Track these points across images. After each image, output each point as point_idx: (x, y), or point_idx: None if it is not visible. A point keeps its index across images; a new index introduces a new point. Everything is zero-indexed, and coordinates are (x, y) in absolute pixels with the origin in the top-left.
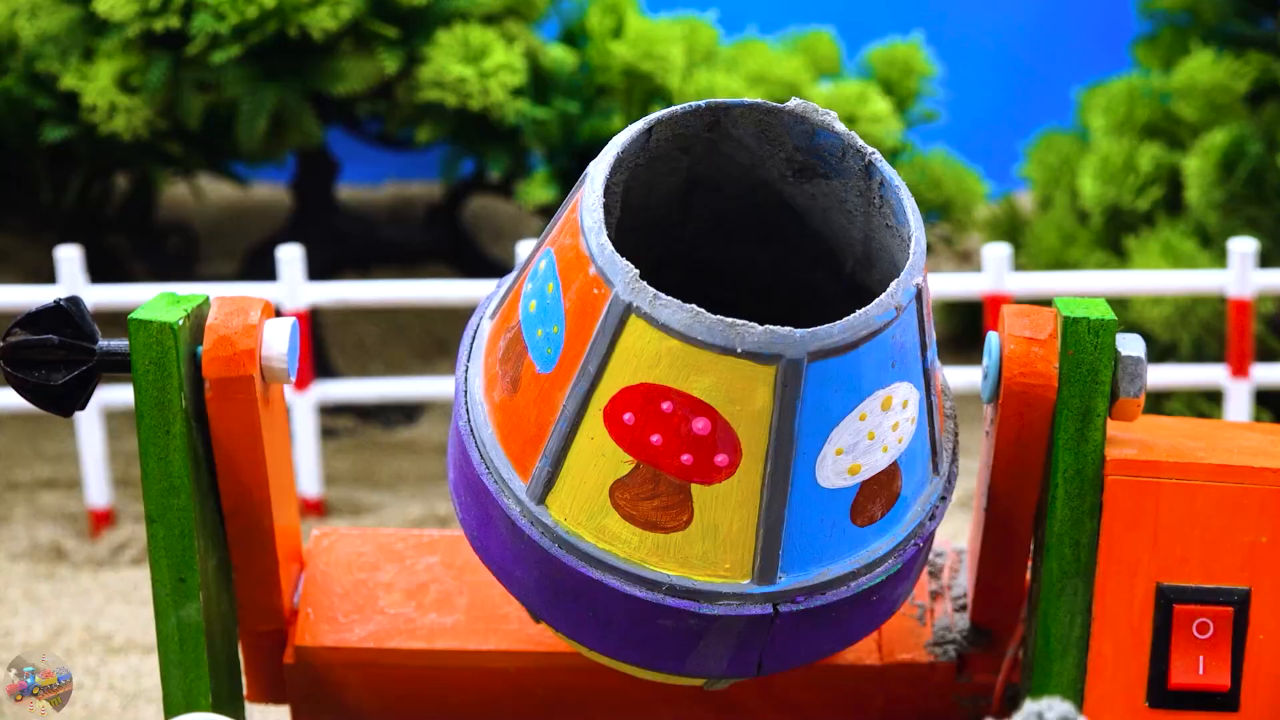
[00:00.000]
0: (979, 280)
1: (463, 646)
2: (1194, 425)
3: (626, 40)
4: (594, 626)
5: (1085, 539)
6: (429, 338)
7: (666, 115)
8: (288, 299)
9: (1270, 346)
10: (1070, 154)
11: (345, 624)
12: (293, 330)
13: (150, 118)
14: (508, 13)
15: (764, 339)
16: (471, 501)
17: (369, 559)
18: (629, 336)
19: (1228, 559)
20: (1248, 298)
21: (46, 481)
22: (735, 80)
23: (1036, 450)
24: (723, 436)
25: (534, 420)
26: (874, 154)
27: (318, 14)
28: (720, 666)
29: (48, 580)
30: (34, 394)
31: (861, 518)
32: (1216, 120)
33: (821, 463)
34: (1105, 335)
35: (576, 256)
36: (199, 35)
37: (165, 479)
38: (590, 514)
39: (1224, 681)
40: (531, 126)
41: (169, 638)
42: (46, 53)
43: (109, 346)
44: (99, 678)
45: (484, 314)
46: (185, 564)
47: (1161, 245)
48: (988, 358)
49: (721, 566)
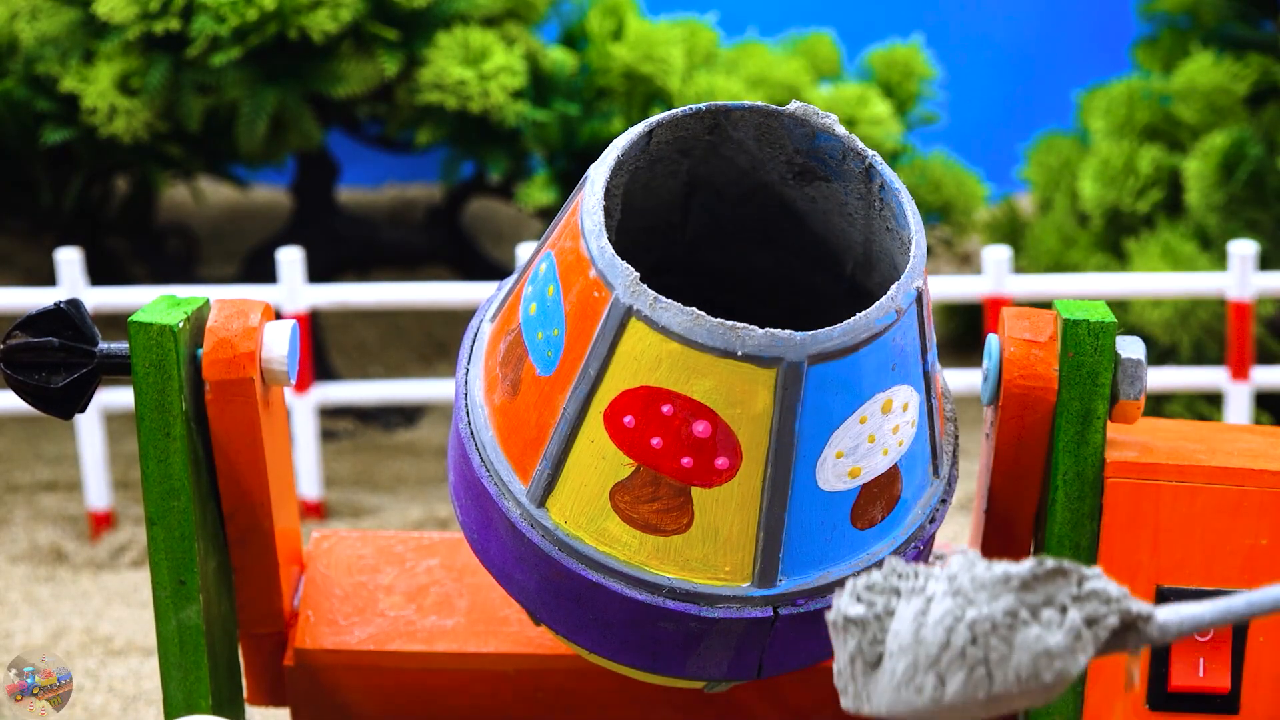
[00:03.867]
0: (979, 283)
1: (463, 649)
2: (1194, 428)
3: (626, 42)
4: (594, 629)
5: (1085, 541)
6: (429, 340)
7: (667, 118)
8: (288, 301)
9: (1270, 349)
10: (1070, 156)
11: (345, 626)
12: (293, 333)
13: (150, 120)
14: (508, 15)
15: (764, 342)
16: (472, 504)
17: (369, 561)
18: (629, 339)
19: (1228, 561)
20: (1248, 300)
21: (46, 484)
22: (735, 83)
23: (1037, 452)
24: (723, 439)
25: (534, 423)
26: (874, 157)
27: (318, 16)
28: (721, 669)
29: (48, 582)
30: (34, 396)
31: (862, 520)
32: (1216, 122)
33: (822, 466)
34: (1105, 338)
35: (577, 259)
36: (199, 38)
37: (165, 481)
38: (590, 517)
39: (1224, 684)
40: (531, 129)
41: (169, 640)
42: (47, 55)
43: (109, 349)
44: (99, 680)
45: (484, 317)
46: (185, 566)
47: (1161, 248)
48: (988, 360)
49: (722, 569)
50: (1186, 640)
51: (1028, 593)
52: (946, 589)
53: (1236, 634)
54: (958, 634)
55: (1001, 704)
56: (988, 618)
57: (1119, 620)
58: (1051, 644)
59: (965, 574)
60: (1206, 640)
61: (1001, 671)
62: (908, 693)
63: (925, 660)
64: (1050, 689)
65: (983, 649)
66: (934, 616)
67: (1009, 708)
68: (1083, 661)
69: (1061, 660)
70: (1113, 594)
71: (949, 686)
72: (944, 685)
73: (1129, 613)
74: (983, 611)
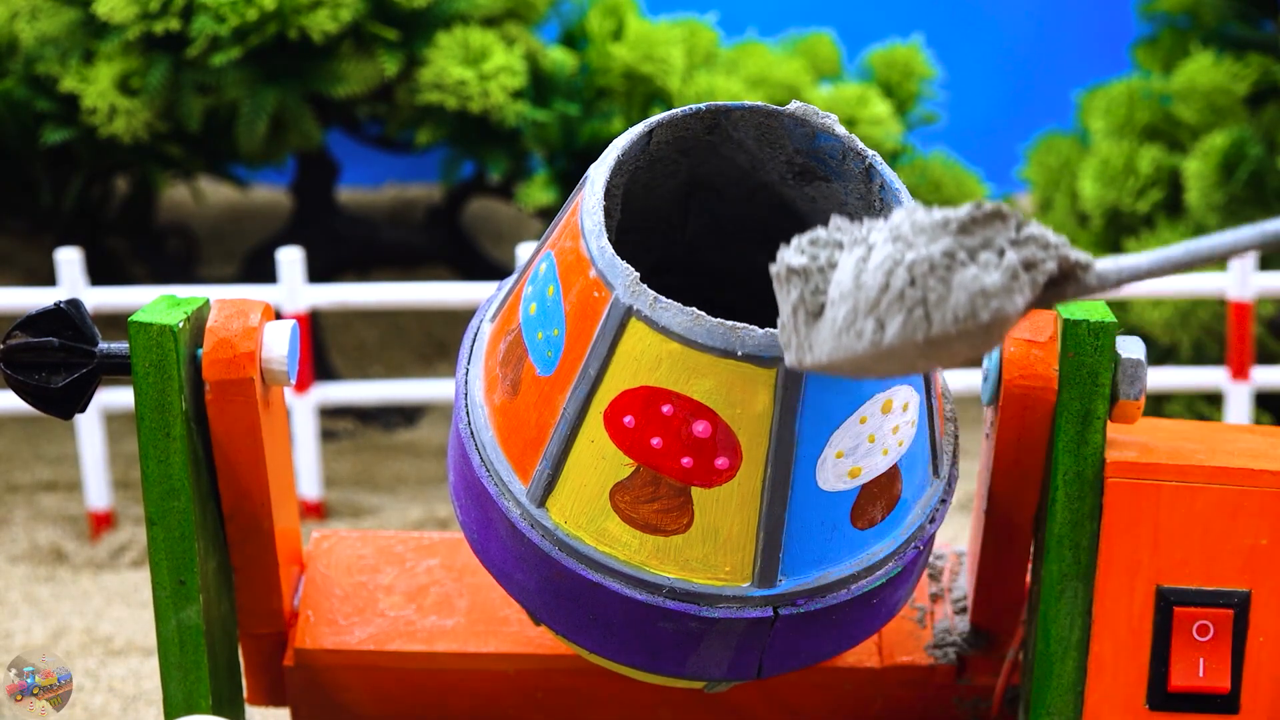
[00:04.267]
0: None
1: (463, 649)
2: (1194, 428)
3: (626, 42)
4: (594, 629)
5: (1085, 541)
6: (429, 340)
7: (667, 118)
8: (288, 301)
9: (1270, 349)
10: (1070, 156)
11: (345, 626)
12: (293, 333)
13: (150, 120)
14: (508, 15)
15: (764, 342)
16: (472, 504)
17: (369, 561)
18: (629, 339)
19: (1228, 561)
20: (1248, 300)
21: (46, 484)
22: (735, 83)
23: (1036, 453)
24: (723, 439)
25: (534, 423)
26: (874, 157)
27: (318, 16)
28: (720, 669)
29: (48, 583)
30: (34, 396)
31: (862, 520)
32: (1216, 122)
33: (822, 466)
34: (1105, 338)
35: (577, 259)
36: (199, 38)
37: (165, 481)
38: (590, 517)
39: (1224, 684)
40: (531, 129)
41: (169, 640)
42: (47, 55)
43: (109, 349)
44: (99, 680)
45: (484, 317)
46: (185, 566)
47: (1161, 247)
48: (988, 360)
49: (722, 569)
50: (1187, 640)
51: (966, 236)
52: (887, 236)
53: (1237, 634)
54: (896, 277)
55: (941, 350)
56: (925, 259)
57: (1057, 266)
58: (988, 283)
59: (905, 221)
60: (1207, 640)
61: (939, 312)
62: (848, 338)
63: (865, 304)
64: (988, 331)
65: (921, 290)
66: (874, 262)
67: (949, 357)
68: (1019, 303)
69: (998, 300)
70: (1051, 240)
71: (888, 329)
72: (883, 329)
73: (1068, 259)
74: (921, 254)
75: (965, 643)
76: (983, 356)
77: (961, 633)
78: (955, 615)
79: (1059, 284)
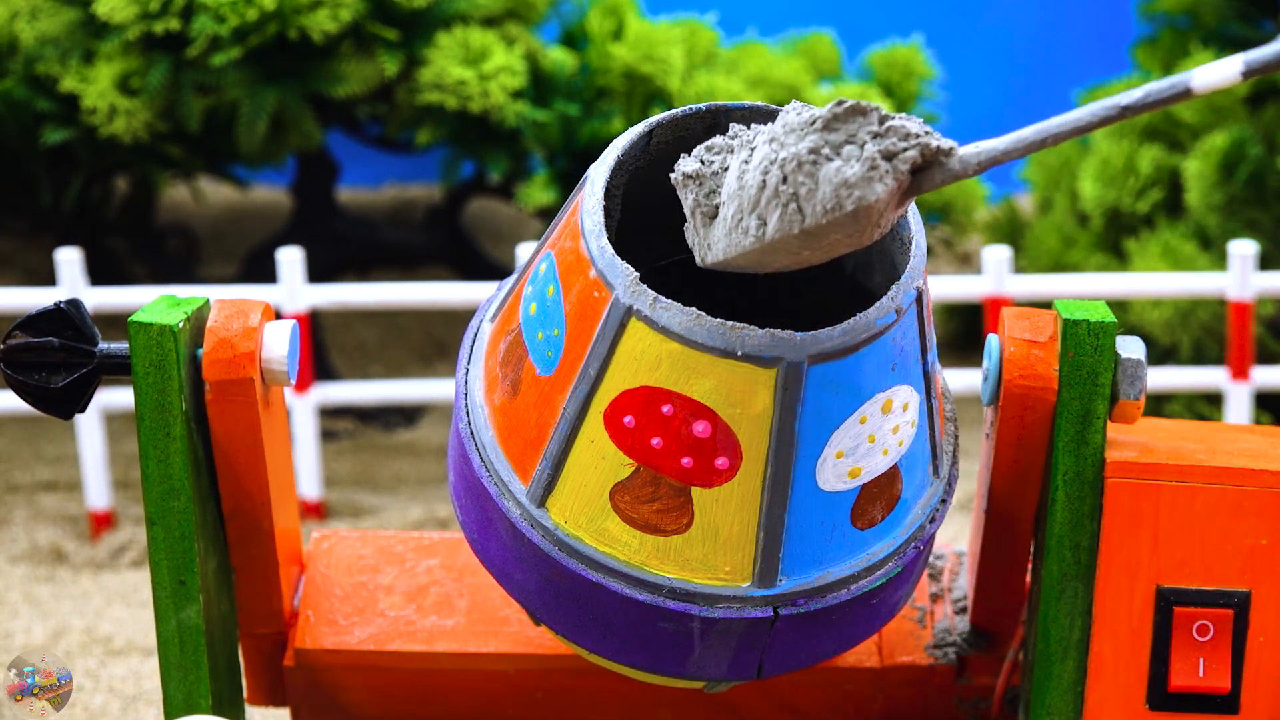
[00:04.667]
0: (979, 283)
1: (463, 649)
2: (1194, 428)
3: (626, 42)
4: (594, 629)
5: (1085, 541)
6: (429, 340)
7: (667, 118)
8: (288, 301)
9: (1270, 349)
10: (1070, 156)
11: (345, 626)
12: (293, 333)
13: (150, 120)
14: (508, 15)
15: (764, 342)
16: (472, 504)
17: (369, 561)
18: (629, 339)
19: (1228, 561)
20: (1248, 300)
21: (46, 484)
22: (735, 82)
23: (1037, 453)
24: (723, 439)
25: (534, 423)
26: None
27: (318, 16)
28: (720, 669)
29: (48, 583)
30: (34, 396)
31: (862, 520)
32: (1216, 123)
33: (822, 466)
34: (1105, 338)
35: (577, 259)
36: (199, 38)
37: (165, 481)
38: (590, 517)
39: (1224, 684)
40: (531, 129)
41: (169, 640)
42: (47, 55)
43: (109, 349)
44: (99, 680)
45: (484, 317)
46: (185, 566)
47: (1161, 248)
48: (988, 360)
49: (722, 569)
50: (1186, 640)
51: (830, 132)
52: (766, 138)
53: (1237, 634)
54: (772, 175)
55: (819, 240)
56: (794, 157)
57: (919, 154)
58: (849, 175)
59: (780, 122)
60: (1206, 640)
61: (810, 205)
62: (737, 235)
63: (749, 203)
64: (856, 219)
65: (792, 186)
66: (754, 163)
67: (830, 246)
68: (879, 190)
69: (859, 189)
70: (913, 130)
71: (769, 225)
72: (765, 224)
73: (929, 147)
74: (790, 152)
75: (965, 643)
76: (865, 245)
77: (961, 633)
78: (955, 615)
79: (925, 170)
